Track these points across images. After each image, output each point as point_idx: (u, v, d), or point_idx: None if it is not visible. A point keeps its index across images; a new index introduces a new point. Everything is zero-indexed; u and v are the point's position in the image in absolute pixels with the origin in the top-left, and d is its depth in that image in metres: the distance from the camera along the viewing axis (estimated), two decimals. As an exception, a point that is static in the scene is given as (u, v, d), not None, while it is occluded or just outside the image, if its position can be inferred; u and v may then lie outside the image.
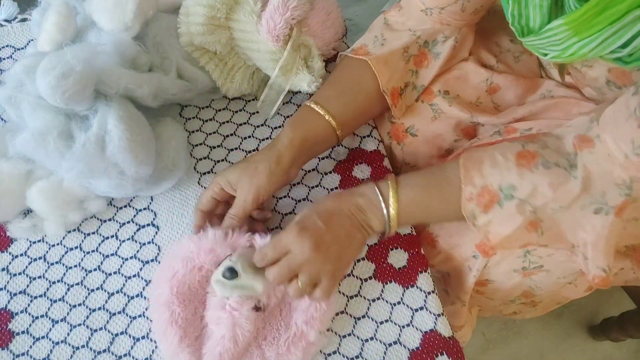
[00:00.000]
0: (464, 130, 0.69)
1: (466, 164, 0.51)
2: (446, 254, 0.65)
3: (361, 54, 0.62)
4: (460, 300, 0.68)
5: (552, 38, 0.46)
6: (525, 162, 0.48)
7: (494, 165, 0.49)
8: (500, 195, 0.49)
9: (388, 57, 0.62)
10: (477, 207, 0.51)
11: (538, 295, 0.65)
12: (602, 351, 1.07)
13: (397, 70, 0.63)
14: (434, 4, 0.61)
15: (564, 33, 0.44)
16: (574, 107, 0.62)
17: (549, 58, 0.48)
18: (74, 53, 0.56)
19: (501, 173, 0.49)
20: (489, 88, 0.69)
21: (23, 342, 0.56)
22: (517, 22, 0.49)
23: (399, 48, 0.63)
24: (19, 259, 0.61)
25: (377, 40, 0.63)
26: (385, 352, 0.56)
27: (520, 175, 0.48)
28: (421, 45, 0.64)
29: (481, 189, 0.50)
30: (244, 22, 0.66)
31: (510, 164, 0.48)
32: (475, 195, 0.50)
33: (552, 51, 0.47)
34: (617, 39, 0.42)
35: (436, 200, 0.54)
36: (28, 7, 0.78)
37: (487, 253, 0.59)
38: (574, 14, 0.42)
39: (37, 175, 0.60)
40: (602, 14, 0.40)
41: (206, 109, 0.74)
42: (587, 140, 0.47)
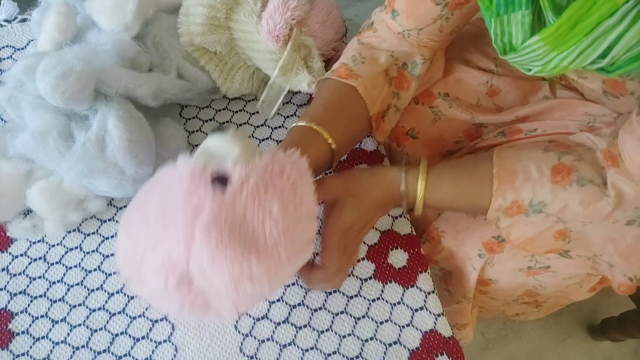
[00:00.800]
0: (466, 131, 0.68)
1: (500, 173, 0.50)
2: (450, 250, 0.65)
3: (345, 77, 0.58)
4: (466, 299, 0.68)
5: (531, 54, 0.46)
6: (560, 179, 0.48)
7: (527, 178, 0.49)
8: (529, 209, 0.49)
9: (374, 81, 0.59)
10: (503, 214, 0.51)
11: (541, 294, 0.65)
12: (602, 351, 1.07)
13: (382, 94, 0.61)
14: (412, 25, 0.59)
15: (542, 48, 0.44)
16: (578, 107, 0.62)
17: (532, 73, 0.49)
18: (73, 53, 0.56)
19: (534, 188, 0.49)
20: (489, 90, 0.69)
21: (23, 342, 0.56)
22: (500, 40, 0.49)
23: (381, 70, 0.60)
24: (19, 259, 0.61)
25: (356, 59, 0.60)
26: (385, 352, 0.56)
27: (553, 192, 0.48)
28: (400, 67, 0.62)
29: (511, 202, 0.50)
30: (244, 22, 0.66)
31: (544, 179, 0.48)
32: (504, 208, 0.51)
33: (535, 66, 0.47)
34: (594, 50, 0.42)
35: (463, 201, 0.54)
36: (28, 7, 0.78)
37: (494, 250, 0.60)
38: (548, 29, 0.42)
39: (37, 175, 0.60)
40: (575, 27, 0.41)
41: (206, 109, 0.74)
42: (612, 157, 0.47)
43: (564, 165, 0.48)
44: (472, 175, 0.53)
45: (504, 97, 0.69)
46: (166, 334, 0.57)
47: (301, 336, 0.57)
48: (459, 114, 0.67)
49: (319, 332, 0.57)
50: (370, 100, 0.58)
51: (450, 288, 0.70)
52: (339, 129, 0.55)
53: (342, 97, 0.59)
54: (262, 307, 0.58)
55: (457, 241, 0.63)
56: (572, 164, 0.48)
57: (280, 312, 0.58)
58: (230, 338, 0.57)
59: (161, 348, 0.56)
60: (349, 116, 0.58)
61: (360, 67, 0.59)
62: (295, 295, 0.59)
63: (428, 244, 0.67)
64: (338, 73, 0.59)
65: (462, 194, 0.53)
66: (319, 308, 0.58)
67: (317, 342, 0.56)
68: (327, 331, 0.57)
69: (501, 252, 0.60)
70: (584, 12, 0.39)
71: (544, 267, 0.59)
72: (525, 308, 0.73)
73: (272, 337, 0.57)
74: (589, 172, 0.47)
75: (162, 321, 0.58)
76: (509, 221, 0.51)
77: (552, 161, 0.49)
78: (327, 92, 0.60)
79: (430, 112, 0.69)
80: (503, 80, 0.69)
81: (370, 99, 0.58)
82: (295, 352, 0.56)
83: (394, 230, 0.63)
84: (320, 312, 0.58)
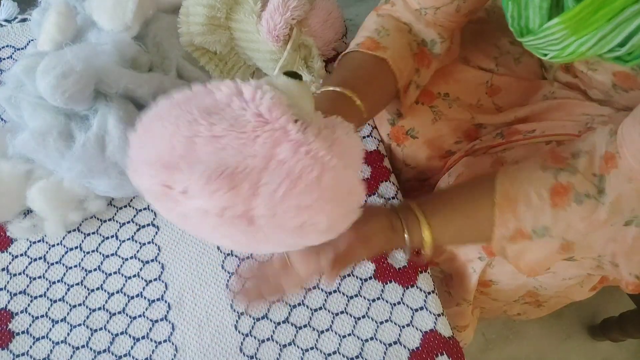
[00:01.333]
0: (465, 132, 0.68)
1: (501, 204, 0.50)
2: (451, 253, 0.65)
3: (373, 49, 0.58)
4: (466, 301, 0.68)
5: (550, 37, 0.46)
6: (559, 201, 0.48)
7: (528, 206, 0.49)
8: (532, 235, 0.49)
9: (402, 53, 0.60)
10: (508, 243, 0.51)
11: (542, 295, 0.65)
12: (602, 351, 1.07)
13: (407, 66, 0.61)
14: (429, 3, 0.60)
15: (561, 32, 0.44)
16: (576, 108, 0.62)
17: (548, 58, 0.48)
18: (74, 53, 0.56)
19: (535, 215, 0.49)
20: (489, 90, 0.69)
21: (23, 342, 0.56)
22: (517, 24, 0.49)
23: (406, 43, 0.60)
24: (19, 259, 0.61)
25: (380, 32, 0.60)
26: (385, 352, 0.56)
27: (555, 216, 0.48)
28: (419, 43, 0.62)
29: (514, 231, 0.50)
30: (244, 22, 0.66)
31: (545, 204, 0.48)
32: (507, 237, 0.51)
33: (551, 51, 0.47)
34: (615, 37, 0.42)
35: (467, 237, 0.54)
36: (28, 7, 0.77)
37: (494, 254, 0.60)
38: (570, 12, 0.42)
39: (37, 175, 0.60)
40: (598, 12, 0.40)
41: (206, 109, 0.74)
42: (610, 158, 0.47)
43: (561, 185, 0.48)
44: (474, 211, 0.53)
45: (504, 97, 0.69)
46: (166, 334, 0.57)
47: (301, 336, 0.57)
48: (458, 114, 0.67)
49: (319, 332, 0.57)
50: (399, 73, 0.59)
51: (450, 290, 0.70)
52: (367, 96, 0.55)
53: (370, 68, 0.58)
54: (262, 307, 0.58)
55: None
56: (568, 181, 0.48)
57: (280, 312, 0.58)
58: (230, 338, 0.57)
59: (161, 348, 0.56)
60: (378, 86, 0.58)
61: (387, 40, 0.59)
62: (295, 295, 0.59)
63: None
64: (365, 46, 0.58)
65: (468, 233, 0.53)
66: (319, 308, 0.58)
67: (317, 342, 0.56)
68: (327, 331, 0.57)
69: None
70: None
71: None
72: (527, 308, 0.73)
73: (272, 337, 0.57)
74: (584, 186, 0.47)
75: (162, 321, 0.57)
76: (515, 250, 0.51)
77: (549, 182, 0.49)
78: (355, 62, 0.59)
79: (430, 111, 0.69)
80: (503, 79, 0.69)
81: (399, 71, 0.59)
82: (295, 352, 0.56)
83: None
84: (320, 312, 0.58)
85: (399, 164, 0.72)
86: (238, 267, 0.61)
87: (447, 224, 0.53)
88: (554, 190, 0.48)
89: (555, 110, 0.64)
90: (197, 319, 0.58)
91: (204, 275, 0.60)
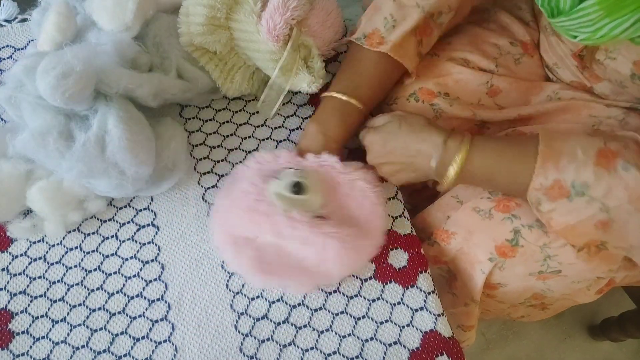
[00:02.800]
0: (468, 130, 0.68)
1: (545, 152, 0.49)
2: (460, 252, 0.64)
3: (376, 44, 0.64)
4: (473, 302, 0.67)
5: (583, 19, 0.45)
6: (605, 162, 0.46)
7: (572, 160, 0.48)
8: (571, 191, 0.48)
9: (403, 41, 0.64)
10: (544, 196, 0.50)
11: (549, 297, 0.65)
12: (602, 351, 1.07)
13: (410, 49, 0.65)
14: None
15: (595, 13, 0.43)
16: (583, 110, 0.61)
17: (578, 40, 0.47)
18: (73, 53, 0.56)
19: (577, 169, 0.47)
20: (490, 90, 0.69)
21: (23, 342, 0.56)
22: (547, 4, 0.48)
23: (411, 29, 0.64)
24: (19, 259, 0.61)
25: (387, 22, 0.64)
26: (385, 352, 0.56)
27: (597, 174, 0.47)
28: (427, 17, 0.65)
29: (553, 182, 0.49)
30: (244, 22, 0.66)
31: (589, 161, 0.47)
32: (545, 187, 0.49)
33: (583, 33, 0.46)
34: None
35: (504, 174, 0.53)
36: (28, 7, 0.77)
37: (506, 255, 0.59)
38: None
39: (37, 175, 0.60)
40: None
41: (206, 109, 0.74)
42: None
43: (610, 150, 0.47)
44: (517, 150, 0.52)
45: (505, 97, 0.69)
46: (166, 334, 0.57)
47: (301, 336, 0.57)
48: (460, 111, 0.67)
49: (319, 332, 0.57)
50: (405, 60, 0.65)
51: (455, 291, 0.70)
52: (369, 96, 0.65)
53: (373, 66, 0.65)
54: (262, 307, 0.58)
55: (468, 242, 0.62)
56: (618, 149, 0.47)
57: (280, 312, 0.58)
58: (230, 338, 0.57)
59: (161, 348, 0.56)
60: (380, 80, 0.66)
61: (391, 32, 0.64)
62: (295, 295, 0.59)
63: (437, 245, 0.66)
64: (370, 42, 0.64)
65: (504, 167, 0.53)
66: (319, 308, 0.58)
67: (317, 342, 0.56)
68: (327, 331, 0.57)
69: (513, 257, 0.59)
70: None
71: (555, 272, 0.58)
72: (531, 310, 0.72)
73: (272, 337, 0.57)
74: (634, 158, 0.46)
75: (162, 321, 0.57)
76: (551, 205, 0.49)
77: (598, 145, 0.47)
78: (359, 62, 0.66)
79: (430, 109, 0.69)
80: (503, 80, 0.69)
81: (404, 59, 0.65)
82: (295, 352, 0.56)
83: (394, 230, 0.63)
84: (320, 312, 0.58)
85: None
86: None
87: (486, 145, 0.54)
88: (601, 152, 0.47)
89: (562, 112, 0.63)
90: (197, 319, 0.58)
91: (204, 275, 0.60)
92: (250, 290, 0.59)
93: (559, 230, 0.51)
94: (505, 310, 0.73)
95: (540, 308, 0.71)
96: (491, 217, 0.60)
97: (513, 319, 0.78)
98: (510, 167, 0.52)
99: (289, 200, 0.54)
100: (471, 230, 0.62)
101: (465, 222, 0.63)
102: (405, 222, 0.64)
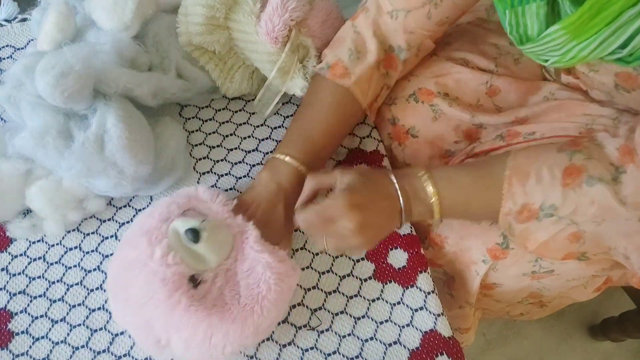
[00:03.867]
0: (465, 132, 0.68)
1: (512, 177, 0.50)
2: (454, 255, 0.64)
3: (340, 76, 0.62)
4: (468, 304, 0.68)
5: (550, 44, 0.46)
6: (571, 181, 0.47)
7: (538, 182, 0.49)
8: (540, 213, 0.49)
9: (368, 75, 0.63)
10: (514, 220, 0.51)
11: (546, 296, 0.65)
12: (602, 351, 1.07)
13: (372, 84, 0.64)
14: (400, 5, 0.60)
15: (562, 37, 0.44)
16: (577, 109, 0.62)
17: (549, 64, 0.48)
18: (73, 52, 0.56)
19: (544, 191, 0.48)
20: (489, 90, 0.69)
21: (23, 342, 0.56)
22: (515, 31, 0.49)
23: (374, 62, 0.63)
24: (18, 259, 0.61)
25: (352, 54, 0.63)
26: (385, 352, 0.56)
27: (564, 195, 0.48)
28: (386, 49, 0.64)
29: (521, 206, 0.50)
30: (243, 22, 0.66)
31: (556, 182, 0.48)
32: (514, 212, 0.50)
33: (552, 57, 0.47)
34: (615, 40, 0.42)
35: (476, 203, 0.53)
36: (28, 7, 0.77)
37: (498, 257, 0.59)
38: (570, 18, 0.42)
39: (37, 175, 0.60)
40: (597, 16, 0.41)
41: (206, 109, 0.74)
42: (629, 152, 0.46)
43: (574, 166, 0.48)
44: (483, 179, 0.53)
45: (504, 97, 0.69)
46: (166, 333, 0.57)
47: (301, 336, 0.57)
48: (459, 112, 0.67)
49: (319, 332, 0.57)
50: (363, 96, 0.63)
51: (453, 292, 0.70)
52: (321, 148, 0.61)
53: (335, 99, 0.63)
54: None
55: (460, 246, 0.63)
56: (582, 163, 0.48)
57: (280, 312, 0.58)
58: (230, 338, 0.56)
59: (161, 348, 0.56)
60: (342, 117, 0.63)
61: (355, 64, 0.63)
62: (295, 295, 0.59)
63: (431, 249, 0.67)
64: (333, 72, 0.63)
65: (476, 205, 0.53)
66: (319, 308, 0.58)
67: (317, 342, 0.56)
68: (327, 331, 0.57)
69: (504, 258, 0.59)
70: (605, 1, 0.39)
71: (548, 272, 0.58)
72: (530, 308, 0.73)
73: (272, 337, 0.56)
74: (598, 170, 0.47)
75: (161, 321, 0.57)
76: (522, 227, 0.51)
77: (564, 163, 0.48)
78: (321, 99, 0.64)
79: (430, 109, 0.68)
80: (503, 80, 0.69)
81: (363, 96, 0.63)
82: (295, 352, 0.56)
83: (394, 230, 0.63)
84: (320, 312, 0.58)
85: (399, 164, 0.72)
86: None
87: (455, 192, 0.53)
88: (567, 170, 0.48)
89: (556, 111, 0.64)
90: (196, 318, 0.58)
91: (203, 275, 0.60)
92: (249, 290, 0.59)
93: (535, 249, 0.52)
94: (504, 309, 0.73)
95: (538, 306, 0.71)
96: (480, 222, 0.61)
97: (512, 316, 0.78)
98: (482, 198, 0.53)
99: (180, 244, 0.50)
100: (462, 235, 0.63)
101: (456, 226, 0.63)
102: (405, 221, 0.64)
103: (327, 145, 0.63)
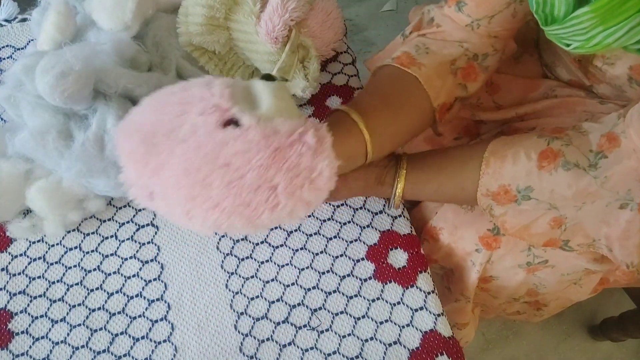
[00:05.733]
0: (465, 128, 0.68)
1: (489, 158, 0.51)
2: (449, 247, 0.65)
3: (407, 65, 0.54)
4: (464, 297, 0.68)
5: (576, 27, 0.45)
6: (547, 164, 0.48)
7: (515, 163, 0.49)
8: (517, 195, 0.49)
9: (438, 70, 0.56)
10: (493, 201, 0.51)
11: (542, 294, 0.65)
12: (602, 351, 1.07)
13: (446, 84, 0.56)
14: (483, 13, 0.56)
15: (589, 21, 0.43)
16: (578, 105, 0.62)
17: (571, 49, 0.47)
18: (73, 52, 0.56)
19: (520, 173, 0.49)
20: (489, 88, 0.69)
21: (23, 342, 0.56)
22: (542, 10, 0.48)
23: (447, 60, 0.56)
24: (18, 259, 0.61)
25: (419, 49, 0.56)
26: (385, 352, 0.56)
27: (539, 177, 0.48)
28: (470, 57, 0.58)
29: (498, 187, 0.50)
30: (243, 22, 0.66)
31: (531, 164, 0.48)
32: (492, 193, 0.51)
33: (576, 41, 0.46)
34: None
35: (449, 184, 0.54)
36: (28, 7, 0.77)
37: (490, 246, 0.60)
38: (601, 1, 0.41)
39: (37, 175, 0.60)
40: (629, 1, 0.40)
41: (206, 109, 0.74)
42: (614, 138, 0.47)
43: (551, 150, 0.48)
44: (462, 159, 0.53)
45: (504, 95, 0.69)
46: (166, 334, 0.57)
47: (301, 336, 0.57)
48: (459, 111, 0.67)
49: (319, 332, 0.57)
50: (433, 92, 0.54)
51: (451, 285, 0.70)
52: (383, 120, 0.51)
53: (400, 86, 0.55)
54: (261, 307, 0.58)
55: (455, 237, 0.64)
56: (560, 148, 0.48)
57: (280, 311, 0.58)
58: (230, 338, 0.57)
59: (161, 348, 0.56)
60: (406, 107, 0.54)
61: (424, 57, 0.56)
62: (295, 295, 0.59)
63: (427, 243, 0.68)
64: (400, 61, 0.55)
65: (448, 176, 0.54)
66: (318, 308, 0.58)
67: (317, 342, 0.56)
68: (327, 331, 0.57)
69: (498, 247, 0.60)
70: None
71: (542, 262, 0.59)
72: (527, 307, 0.73)
73: (272, 337, 0.57)
74: (575, 156, 0.47)
75: (162, 321, 0.57)
76: (502, 209, 0.51)
77: (540, 146, 0.49)
78: (384, 79, 0.56)
79: None
80: (503, 78, 0.69)
81: (433, 90, 0.54)
82: (295, 352, 0.56)
83: (394, 230, 0.63)
84: (320, 312, 0.58)
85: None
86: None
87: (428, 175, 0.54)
88: (543, 153, 0.49)
89: (557, 108, 0.64)
90: (196, 319, 0.58)
91: (203, 275, 0.60)
92: (250, 290, 0.59)
93: (515, 232, 0.53)
94: (501, 306, 0.74)
95: (535, 308, 0.72)
96: (473, 209, 0.61)
97: (508, 314, 0.78)
98: (453, 178, 0.53)
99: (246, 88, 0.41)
100: (456, 225, 0.63)
101: (450, 216, 0.64)
102: (405, 222, 0.64)
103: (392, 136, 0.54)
